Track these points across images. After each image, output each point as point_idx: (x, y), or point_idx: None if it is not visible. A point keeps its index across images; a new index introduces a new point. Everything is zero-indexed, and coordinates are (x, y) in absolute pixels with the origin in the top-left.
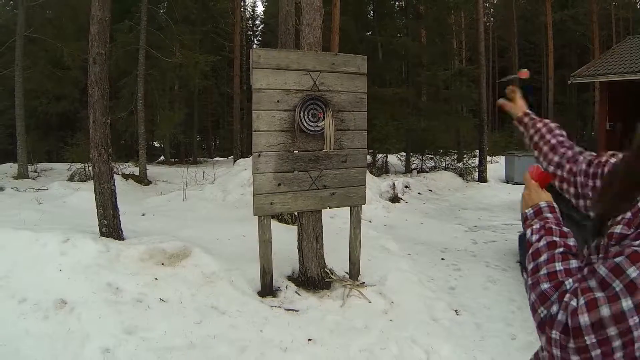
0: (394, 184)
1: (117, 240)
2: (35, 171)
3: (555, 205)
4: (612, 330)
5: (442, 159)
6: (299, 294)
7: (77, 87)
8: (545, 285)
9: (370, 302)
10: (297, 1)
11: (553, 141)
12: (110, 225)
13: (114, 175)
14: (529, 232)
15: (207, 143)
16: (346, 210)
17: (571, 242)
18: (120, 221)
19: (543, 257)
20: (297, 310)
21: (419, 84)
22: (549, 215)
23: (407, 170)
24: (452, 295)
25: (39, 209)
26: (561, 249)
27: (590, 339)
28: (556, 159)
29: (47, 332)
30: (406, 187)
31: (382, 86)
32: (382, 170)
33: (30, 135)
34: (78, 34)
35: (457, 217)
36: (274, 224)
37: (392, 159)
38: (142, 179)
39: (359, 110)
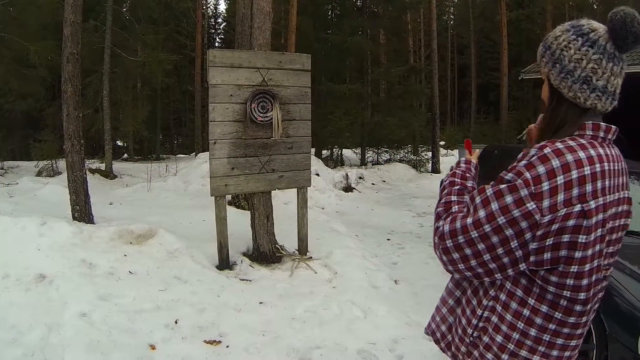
0: (347, 175)
1: (88, 224)
2: (2, 168)
3: (472, 161)
4: (461, 239)
5: (397, 152)
6: (252, 267)
7: (43, 85)
8: (440, 209)
9: (316, 272)
10: None
11: None
12: (82, 211)
13: None
14: (445, 176)
15: (170, 140)
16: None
17: (469, 183)
18: (91, 207)
19: (445, 192)
20: (250, 280)
21: (375, 81)
22: (462, 165)
23: (363, 163)
24: (393, 269)
25: (11, 201)
26: (458, 187)
27: (448, 243)
28: None
29: (29, 302)
30: (360, 178)
31: (340, 83)
32: (337, 162)
33: None
34: (43, 32)
35: (407, 205)
36: (232, 210)
37: (349, 152)
38: (108, 174)
39: (303, 102)
